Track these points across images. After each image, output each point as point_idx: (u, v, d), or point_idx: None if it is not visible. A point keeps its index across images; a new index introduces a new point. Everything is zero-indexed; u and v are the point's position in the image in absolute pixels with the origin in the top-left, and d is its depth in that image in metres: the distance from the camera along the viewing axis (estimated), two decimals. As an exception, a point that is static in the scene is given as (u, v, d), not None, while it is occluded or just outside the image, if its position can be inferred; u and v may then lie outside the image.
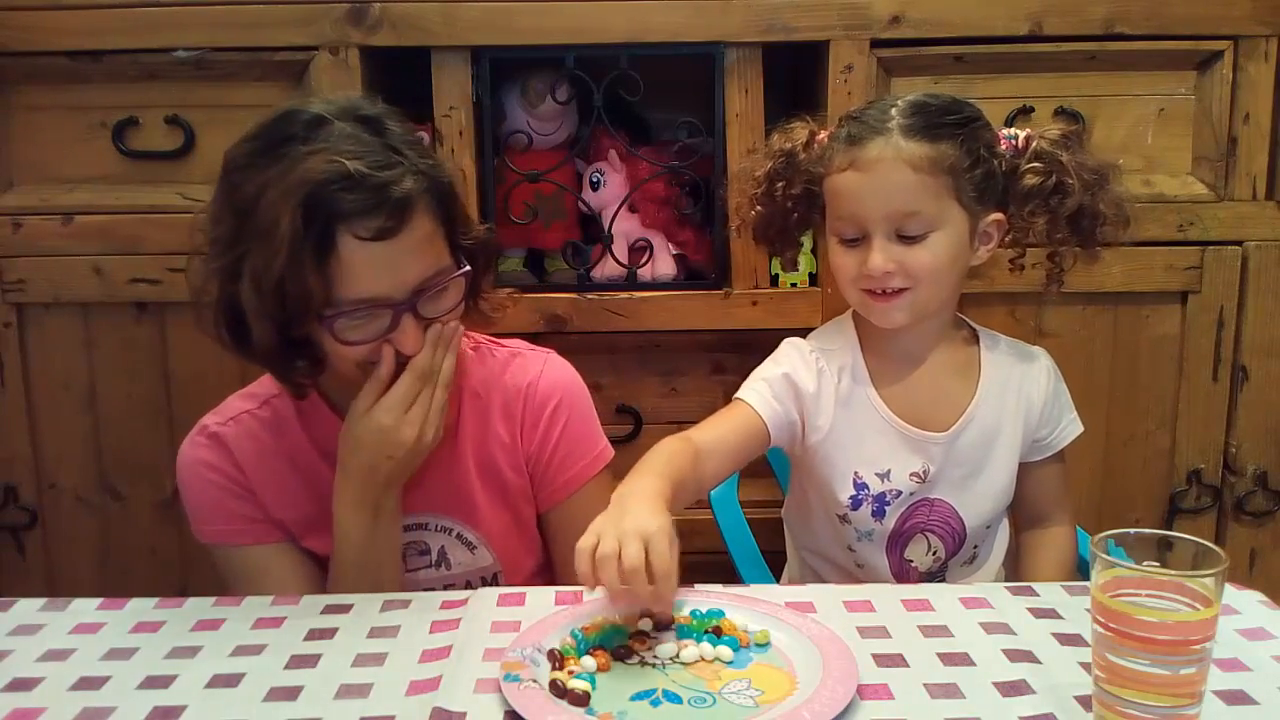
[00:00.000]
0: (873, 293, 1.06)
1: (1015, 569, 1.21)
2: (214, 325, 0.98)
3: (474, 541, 1.11)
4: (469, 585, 1.11)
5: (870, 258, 1.03)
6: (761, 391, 1.10)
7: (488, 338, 1.18)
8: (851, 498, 1.11)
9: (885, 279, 1.04)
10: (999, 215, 1.08)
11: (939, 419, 1.12)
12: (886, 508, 1.12)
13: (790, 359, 1.13)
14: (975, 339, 1.17)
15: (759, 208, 1.16)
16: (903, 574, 1.15)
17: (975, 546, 1.17)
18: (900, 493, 1.11)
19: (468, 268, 1.01)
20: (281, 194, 0.89)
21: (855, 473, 1.11)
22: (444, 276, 0.98)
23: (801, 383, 1.11)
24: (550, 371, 1.13)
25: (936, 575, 1.16)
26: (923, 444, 1.11)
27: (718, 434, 1.07)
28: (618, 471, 1.15)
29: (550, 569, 1.18)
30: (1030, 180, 1.06)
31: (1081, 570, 1.21)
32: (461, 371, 1.09)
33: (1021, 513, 1.21)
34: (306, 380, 1.03)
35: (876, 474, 1.11)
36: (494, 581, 1.12)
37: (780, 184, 1.13)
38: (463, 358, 1.09)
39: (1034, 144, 1.08)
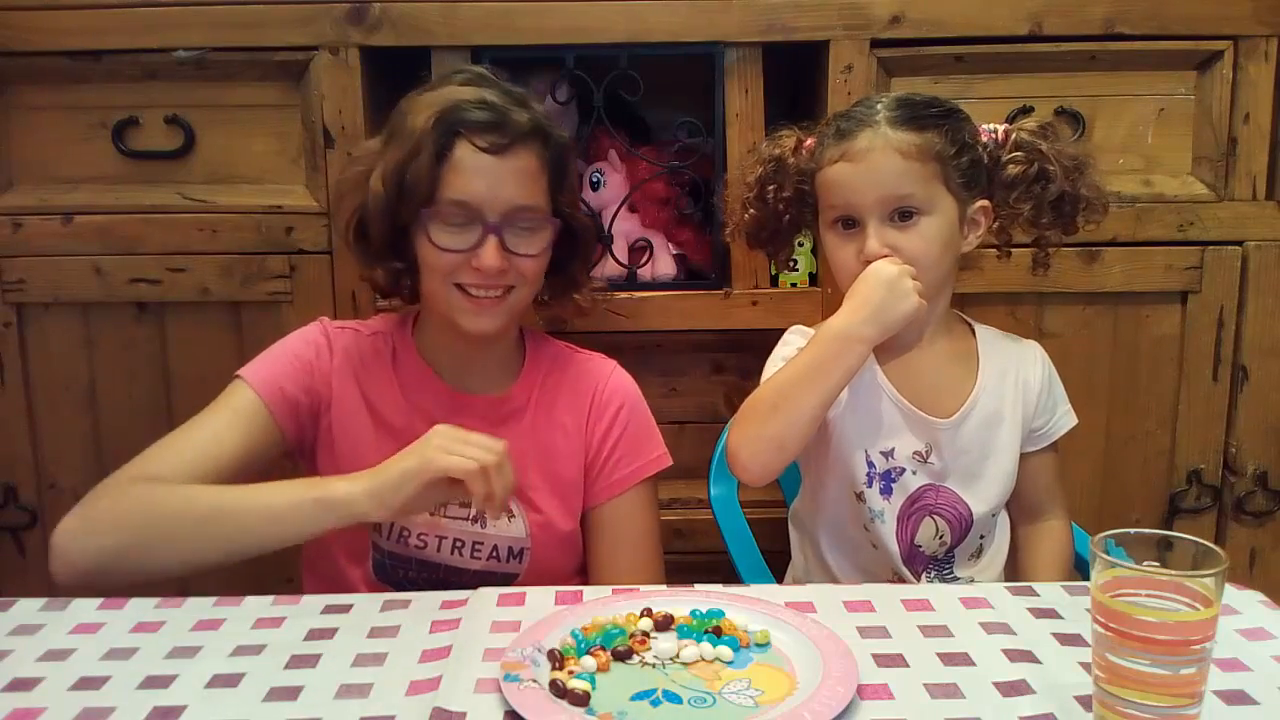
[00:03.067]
0: None
1: (1013, 564, 1.23)
2: (344, 230, 1.15)
3: (514, 511, 1.14)
4: (495, 551, 1.13)
5: (867, 244, 1.08)
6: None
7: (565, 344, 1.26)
8: (866, 474, 1.14)
9: None
10: (985, 203, 1.13)
11: (943, 405, 1.15)
12: (893, 485, 1.15)
13: (799, 343, 1.15)
14: (971, 331, 1.21)
15: (751, 211, 1.21)
16: (912, 558, 1.16)
17: (981, 537, 1.19)
18: (904, 470, 1.14)
19: (556, 220, 1.12)
20: (427, 105, 1.07)
21: (865, 450, 1.14)
22: (535, 214, 1.09)
23: None
24: (619, 375, 1.22)
25: (944, 565, 1.18)
26: (927, 425, 1.14)
27: None
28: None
29: (583, 571, 1.19)
30: (1013, 169, 1.12)
31: (1080, 568, 1.22)
32: (535, 357, 1.20)
33: (1017, 506, 1.23)
34: (400, 287, 1.18)
35: (881, 452, 1.15)
36: (520, 556, 1.14)
37: (771, 187, 1.19)
38: (544, 343, 1.23)
39: (1013, 135, 1.13)
